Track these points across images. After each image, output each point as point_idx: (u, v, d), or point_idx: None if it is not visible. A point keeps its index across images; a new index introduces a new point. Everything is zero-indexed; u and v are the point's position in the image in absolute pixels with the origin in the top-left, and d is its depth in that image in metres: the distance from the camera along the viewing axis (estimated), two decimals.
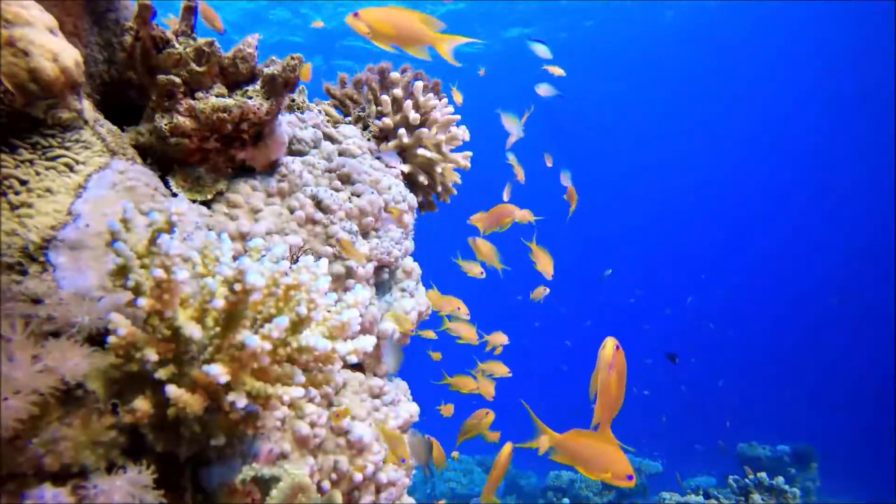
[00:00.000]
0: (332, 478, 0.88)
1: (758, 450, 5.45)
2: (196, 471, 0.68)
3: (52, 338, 0.56)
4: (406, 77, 1.32)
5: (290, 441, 0.83)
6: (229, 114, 0.87)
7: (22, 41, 0.63)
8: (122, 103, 0.93)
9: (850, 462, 7.21)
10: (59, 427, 0.54)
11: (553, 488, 5.12)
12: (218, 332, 0.60)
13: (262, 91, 0.91)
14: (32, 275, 0.61)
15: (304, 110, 1.17)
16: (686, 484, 5.28)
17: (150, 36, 0.83)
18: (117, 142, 0.78)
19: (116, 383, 0.60)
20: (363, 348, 0.65)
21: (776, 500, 3.53)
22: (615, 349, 0.92)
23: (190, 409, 0.57)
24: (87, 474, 0.55)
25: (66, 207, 0.66)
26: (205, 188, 0.89)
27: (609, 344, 0.93)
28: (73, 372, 0.54)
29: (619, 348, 0.93)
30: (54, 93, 0.66)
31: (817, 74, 11.14)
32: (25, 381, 0.50)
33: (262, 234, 0.92)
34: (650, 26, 9.85)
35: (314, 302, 0.61)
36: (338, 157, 1.15)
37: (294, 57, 0.91)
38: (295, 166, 1.01)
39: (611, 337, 0.94)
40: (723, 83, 11.72)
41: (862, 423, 11.03)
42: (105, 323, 0.59)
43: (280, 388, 0.61)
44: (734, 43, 10.36)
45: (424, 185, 1.34)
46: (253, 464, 0.71)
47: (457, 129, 1.34)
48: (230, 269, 0.59)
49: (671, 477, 5.31)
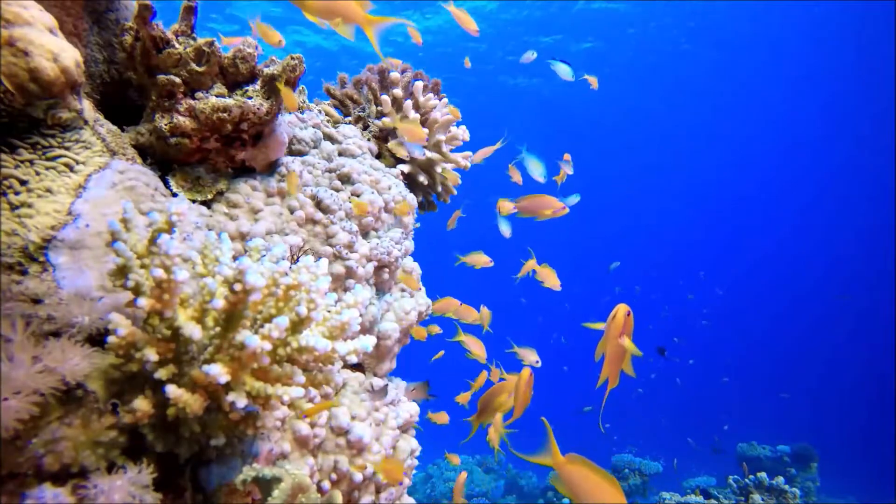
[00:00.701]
0: (332, 478, 0.88)
1: (758, 450, 5.46)
2: (196, 471, 0.68)
3: (52, 338, 0.56)
4: (406, 77, 1.32)
5: (290, 441, 0.83)
6: (229, 114, 0.87)
7: (22, 41, 0.63)
8: (122, 103, 0.93)
9: (850, 462, 7.21)
10: (59, 427, 0.54)
11: (553, 488, 5.13)
12: (218, 332, 0.60)
13: (262, 91, 0.91)
14: (32, 275, 0.61)
15: (304, 110, 1.17)
16: (686, 484, 5.28)
17: (150, 36, 0.83)
18: (117, 142, 0.78)
19: (116, 383, 0.60)
20: (363, 348, 0.65)
21: (776, 500, 3.53)
22: (626, 315, 0.96)
23: (190, 409, 0.57)
24: (87, 474, 0.55)
25: (66, 207, 0.66)
26: (205, 188, 0.90)
27: (621, 311, 0.97)
28: (73, 372, 0.54)
29: (630, 314, 0.97)
30: (54, 93, 0.66)
31: (818, 74, 11.14)
32: (25, 381, 0.50)
33: (262, 234, 0.92)
34: (652, 27, 9.85)
35: (314, 302, 0.61)
36: (338, 157, 1.15)
37: (294, 57, 0.91)
38: (295, 166, 1.01)
39: (623, 304, 0.98)
40: (720, 83, 11.71)
41: (862, 423, 11.04)
42: (105, 323, 0.59)
43: (280, 388, 0.61)
44: (736, 42, 10.36)
45: (424, 185, 1.34)
46: (253, 464, 0.71)
47: (457, 129, 1.34)
48: (230, 270, 0.59)
49: (671, 477, 5.31)
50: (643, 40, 10.18)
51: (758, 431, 6.18)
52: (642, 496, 5.07)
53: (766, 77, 11.59)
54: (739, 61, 11.03)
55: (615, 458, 5.40)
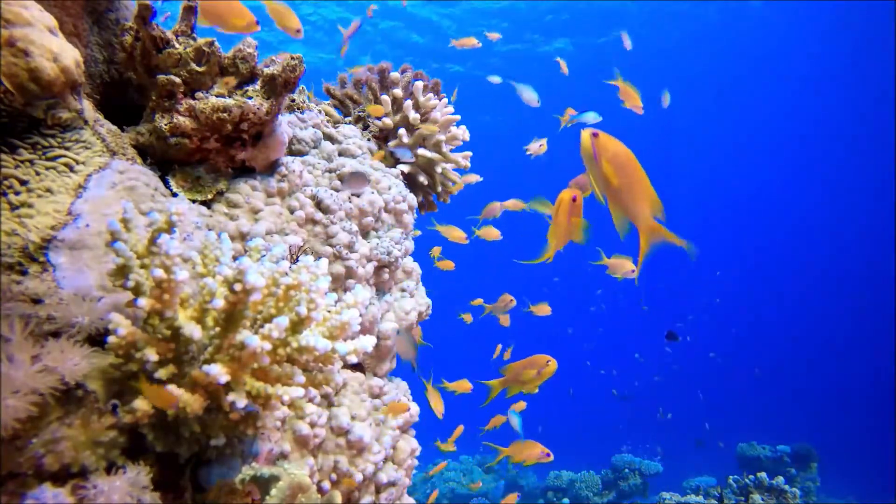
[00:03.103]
0: (332, 478, 0.88)
1: (758, 450, 5.46)
2: (196, 471, 0.68)
3: (51, 338, 0.56)
4: (406, 77, 1.32)
5: (289, 441, 0.83)
6: (229, 114, 0.87)
7: (22, 41, 0.63)
8: (122, 103, 0.93)
9: (850, 462, 7.21)
10: (59, 427, 0.54)
11: (553, 488, 5.13)
12: (218, 332, 0.60)
13: (262, 91, 0.91)
14: (32, 275, 0.61)
15: (304, 110, 1.17)
16: (686, 484, 5.28)
17: (150, 36, 0.83)
18: (117, 142, 0.78)
19: (116, 383, 0.60)
20: (363, 348, 0.65)
21: (776, 500, 3.53)
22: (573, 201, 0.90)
23: (190, 409, 0.57)
24: (87, 474, 0.55)
25: (66, 207, 0.66)
26: (205, 188, 0.89)
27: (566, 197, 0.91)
28: (73, 372, 0.54)
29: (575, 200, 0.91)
30: (54, 93, 0.66)
31: (821, 74, 11.14)
32: (25, 381, 0.50)
33: (262, 234, 0.92)
34: (653, 28, 9.85)
35: (314, 302, 0.61)
36: (338, 157, 1.15)
37: (294, 57, 0.91)
38: (295, 166, 1.01)
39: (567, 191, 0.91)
40: (719, 83, 11.71)
41: (862, 423, 11.04)
42: (105, 323, 0.59)
43: (280, 388, 0.61)
44: (736, 42, 10.36)
45: (424, 185, 1.34)
46: (253, 464, 0.71)
47: (457, 129, 1.34)
48: (230, 269, 0.59)
49: (671, 477, 5.31)
50: (643, 41, 10.18)
51: (758, 431, 6.18)
52: (642, 496, 5.07)
53: (766, 77, 11.59)
54: (745, 62, 11.03)
55: (615, 458, 5.40)
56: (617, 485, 5.15)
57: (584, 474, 5.14)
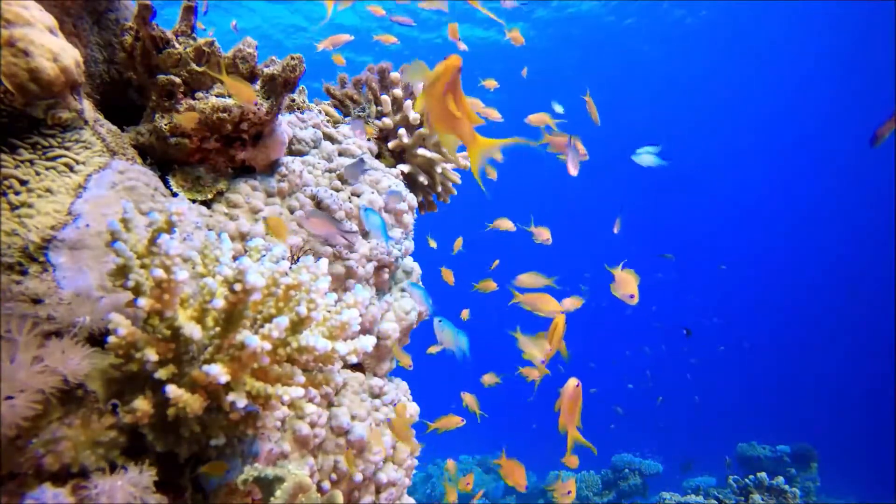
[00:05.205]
0: (333, 478, 0.88)
1: (758, 450, 5.45)
2: (196, 471, 0.68)
3: (52, 338, 0.56)
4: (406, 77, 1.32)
5: (290, 441, 0.83)
6: (229, 114, 0.87)
7: (22, 41, 0.63)
8: (122, 103, 0.93)
9: (850, 462, 7.21)
10: (60, 427, 0.54)
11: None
12: (218, 332, 0.60)
13: (262, 91, 0.91)
14: (32, 275, 0.61)
15: (304, 110, 1.17)
16: (686, 484, 5.28)
17: (150, 36, 0.83)
18: (117, 142, 0.78)
19: (116, 383, 0.60)
20: (363, 348, 0.65)
21: (776, 500, 3.53)
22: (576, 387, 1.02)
23: (190, 409, 0.57)
24: (87, 474, 0.55)
25: (66, 207, 0.66)
26: (205, 188, 0.90)
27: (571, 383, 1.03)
28: (74, 372, 0.54)
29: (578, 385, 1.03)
30: (54, 93, 0.66)
31: (821, 75, 11.14)
32: (26, 380, 0.50)
33: (262, 234, 0.92)
34: (655, 29, 9.85)
35: (314, 302, 0.61)
36: (338, 157, 1.15)
37: (294, 57, 0.91)
38: (295, 166, 1.01)
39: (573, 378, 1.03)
40: (720, 83, 11.71)
41: (862, 423, 11.04)
42: (105, 323, 0.58)
43: (280, 388, 0.61)
44: (759, 44, 10.35)
45: (424, 185, 1.34)
46: (253, 464, 0.71)
47: None
48: (230, 269, 0.59)
49: (671, 477, 5.31)
50: (643, 41, 10.19)
51: (758, 431, 6.18)
52: (642, 496, 5.07)
53: (767, 77, 11.59)
54: (748, 62, 11.03)
55: (615, 458, 5.40)
56: (617, 485, 5.15)
57: (584, 474, 5.14)
